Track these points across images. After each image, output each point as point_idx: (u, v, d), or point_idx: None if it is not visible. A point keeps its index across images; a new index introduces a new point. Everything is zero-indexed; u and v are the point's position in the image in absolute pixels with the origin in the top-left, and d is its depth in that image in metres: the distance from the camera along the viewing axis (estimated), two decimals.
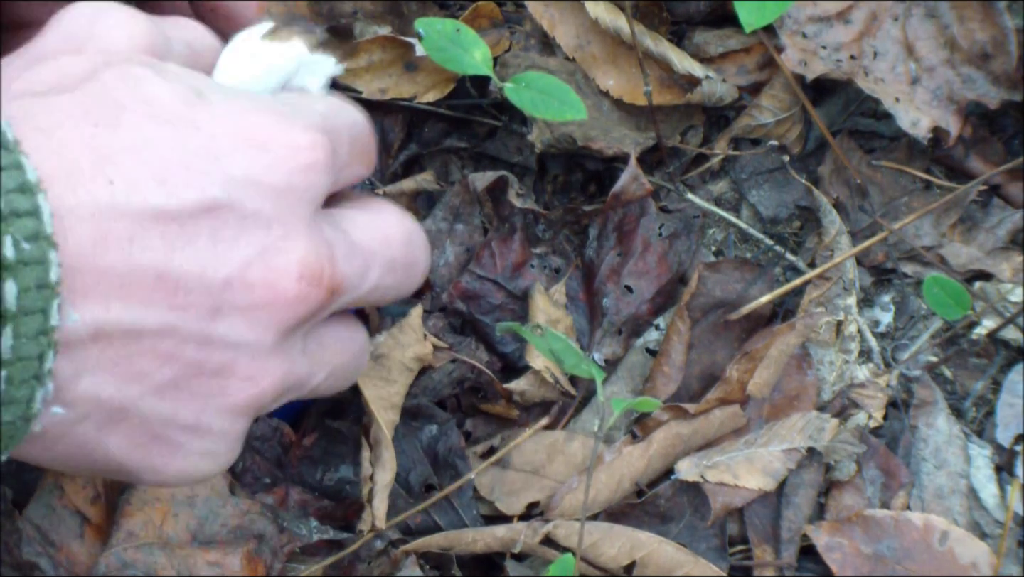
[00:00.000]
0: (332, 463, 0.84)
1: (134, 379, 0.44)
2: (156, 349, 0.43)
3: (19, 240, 0.39)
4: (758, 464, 0.84)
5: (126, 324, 0.42)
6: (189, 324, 0.44)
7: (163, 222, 0.42)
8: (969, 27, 0.90)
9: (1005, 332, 0.89)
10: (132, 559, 0.73)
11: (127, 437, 0.46)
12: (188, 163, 0.43)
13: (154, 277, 0.42)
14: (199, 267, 0.43)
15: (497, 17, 0.92)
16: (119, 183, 0.41)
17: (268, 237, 0.45)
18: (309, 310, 0.46)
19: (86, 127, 0.42)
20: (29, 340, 0.40)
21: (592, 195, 0.94)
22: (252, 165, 0.44)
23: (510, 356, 0.89)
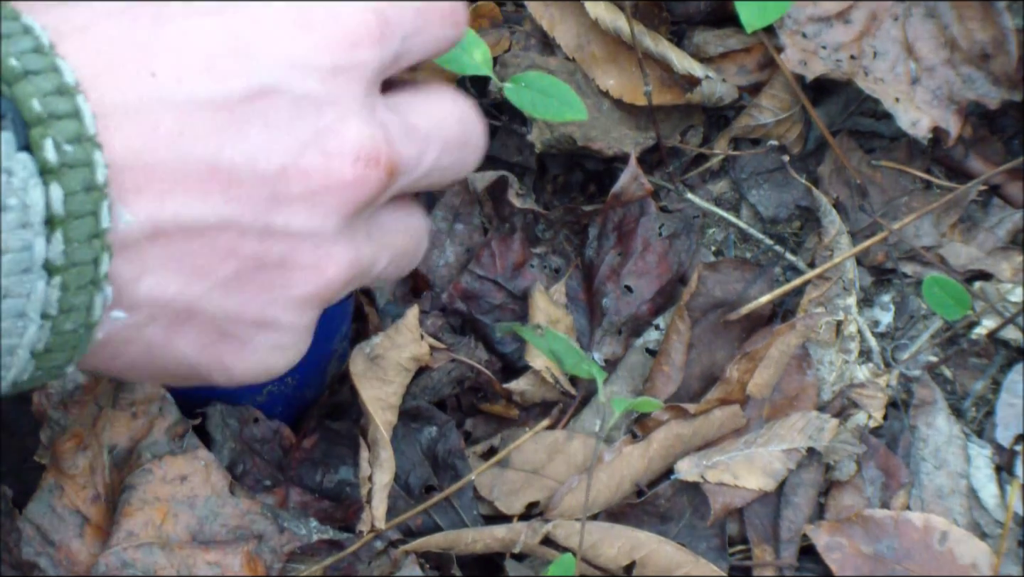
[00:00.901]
0: (332, 465, 0.84)
1: (196, 276, 0.43)
2: (216, 244, 0.43)
3: (60, 143, 0.38)
4: (758, 464, 0.84)
5: (183, 220, 0.41)
6: (247, 216, 0.43)
7: (212, 111, 0.41)
8: (969, 27, 0.90)
9: (1005, 332, 0.89)
10: (132, 558, 0.73)
11: (196, 337, 0.45)
12: (233, 49, 0.42)
13: (207, 169, 0.41)
14: (252, 156, 0.42)
15: (497, 17, 0.92)
16: (163, 75, 0.40)
17: (321, 120, 0.43)
18: (369, 193, 0.45)
19: (124, 21, 0.41)
20: (82, 244, 0.39)
21: (592, 195, 0.94)
22: (298, 46, 0.43)
23: (510, 356, 0.89)
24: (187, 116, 0.41)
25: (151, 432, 0.77)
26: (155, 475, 0.75)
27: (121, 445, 0.77)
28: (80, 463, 0.76)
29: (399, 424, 0.85)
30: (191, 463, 0.76)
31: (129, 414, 0.77)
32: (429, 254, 0.89)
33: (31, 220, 0.38)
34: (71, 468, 0.76)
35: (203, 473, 0.76)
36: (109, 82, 0.40)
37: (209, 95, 0.41)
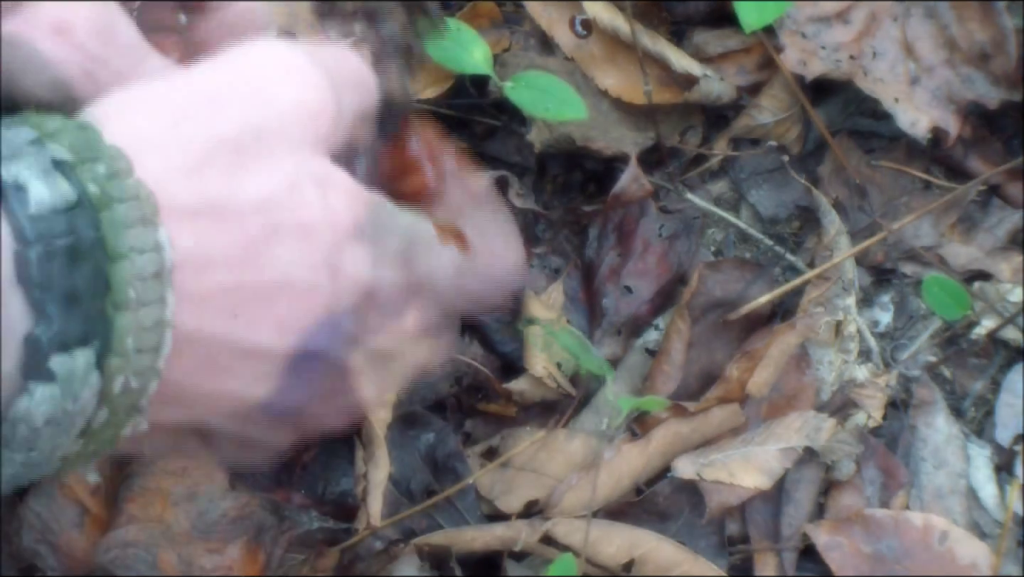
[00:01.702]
0: (333, 477, 0.85)
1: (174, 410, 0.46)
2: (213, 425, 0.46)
3: (130, 378, 0.40)
4: (755, 463, 0.84)
5: (174, 421, 0.44)
6: (227, 428, 0.46)
7: (262, 361, 0.43)
8: (968, 27, 0.90)
9: (1004, 332, 0.89)
10: (134, 539, 0.73)
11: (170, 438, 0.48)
12: (309, 312, 0.44)
13: (218, 396, 0.44)
14: (272, 398, 0.45)
15: (496, 17, 0.92)
16: (242, 319, 0.42)
17: (342, 383, 0.46)
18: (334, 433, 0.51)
19: (237, 249, 0.42)
20: (96, 444, 0.41)
21: (591, 195, 0.95)
22: (362, 324, 0.45)
23: (509, 356, 0.89)
24: (239, 359, 0.43)
25: None
26: (157, 466, 0.75)
27: None
28: None
29: (397, 431, 0.85)
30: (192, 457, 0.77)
31: None
32: None
33: (71, 432, 0.40)
34: None
35: (204, 466, 0.77)
36: (193, 311, 0.41)
37: (268, 349, 0.43)
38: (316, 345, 0.44)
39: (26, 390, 0.38)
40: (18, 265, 0.37)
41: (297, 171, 0.43)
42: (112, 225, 0.39)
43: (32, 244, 0.37)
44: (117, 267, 0.39)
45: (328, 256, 0.44)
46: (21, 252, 0.37)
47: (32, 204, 0.37)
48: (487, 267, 0.51)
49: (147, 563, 0.73)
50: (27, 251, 0.37)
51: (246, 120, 0.43)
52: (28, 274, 0.37)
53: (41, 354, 0.37)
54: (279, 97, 0.44)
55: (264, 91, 0.44)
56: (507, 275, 0.53)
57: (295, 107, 0.44)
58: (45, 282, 0.37)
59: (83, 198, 0.38)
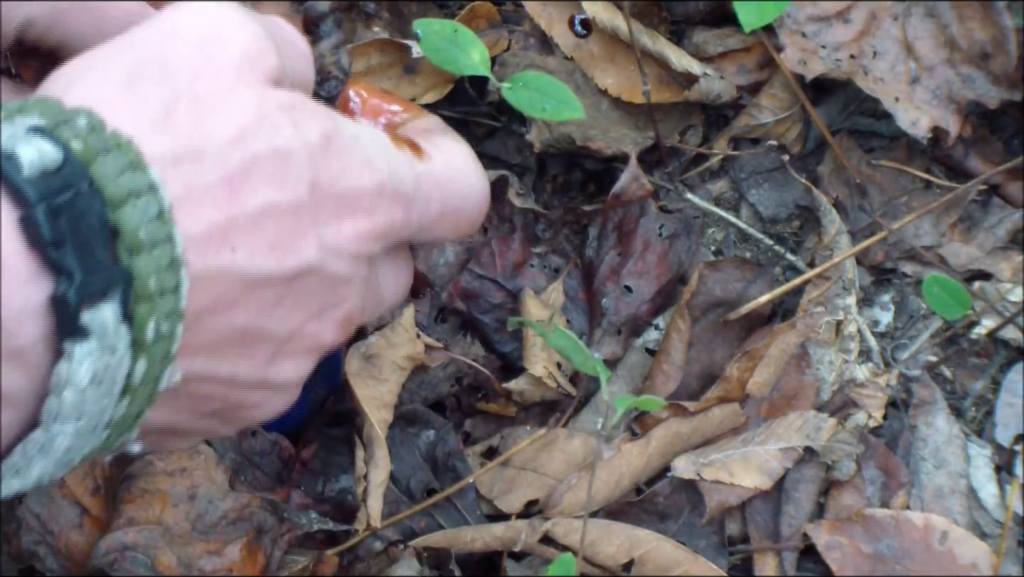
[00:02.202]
0: (332, 474, 0.85)
1: (188, 412, 0.47)
2: (215, 390, 0.46)
3: (160, 321, 0.40)
4: (754, 462, 0.84)
5: (201, 373, 0.45)
6: (249, 372, 0.46)
7: (265, 287, 0.44)
8: (969, 27, 0.90)
9: (1005, 332, 0.89)
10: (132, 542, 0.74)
11: (157, 438, 0.49)
12: (297, 228, 0.45)
13: (238, 335, 0.45)
14: (276, 325, 0.46)
15: (495, 17, 0.92)
16: (241, 251, 0.43)
17: (334, 295, 0.47)
18: (333, 346, 0.50)
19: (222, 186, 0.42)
20: (139, 404, 0.42)
21: (591, 195, 0.95)
22: (342, 232, 0.46)
23: (509, 355, 0.89)
24: (245, 290, 0.44)
25: None
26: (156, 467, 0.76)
27: None
28: None
29: (397, 430, 0.85)
30: (192, 457, 0.77)
31: None
32: (429, 253, 0.90)
33: (114, 391, 0.40)
34: None
35: (204, 467, 0.77)
36: (197, 253, 0.42)
37: (269, 272, 0.44)
38: (309, 259, 0.45)
39: (63, 354, 0.38)
40: (26, 229, 0.37)
41: (260, 102, 0.44)
42: (104, 174, 0.39)
43: (36, 205, 0.37)
44: (121, 212, 0.39)
45: (305, 171, 0.44)
46: (27, 215, 0.37)
47: (25, 167, 0.38)
48: (446, 172, 0.51)
49: (146, 565, 0.73)
50: (33, 213, 0.37)
51: (197, 67, 0.44)
52: (39, 235, 0.37)
53: (70, 312, 0.38)
54: (224, 41, 0.45)
55: (207, 38, 0.44)
56: (469, 187, 0.53)
57: (242, 49, 0.45)
58: (58, 238, 0.37)
59: (68, 156, 0.39)
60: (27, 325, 0.38)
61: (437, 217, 0.51)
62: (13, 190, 0.37)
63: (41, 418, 0.39)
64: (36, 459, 0.40)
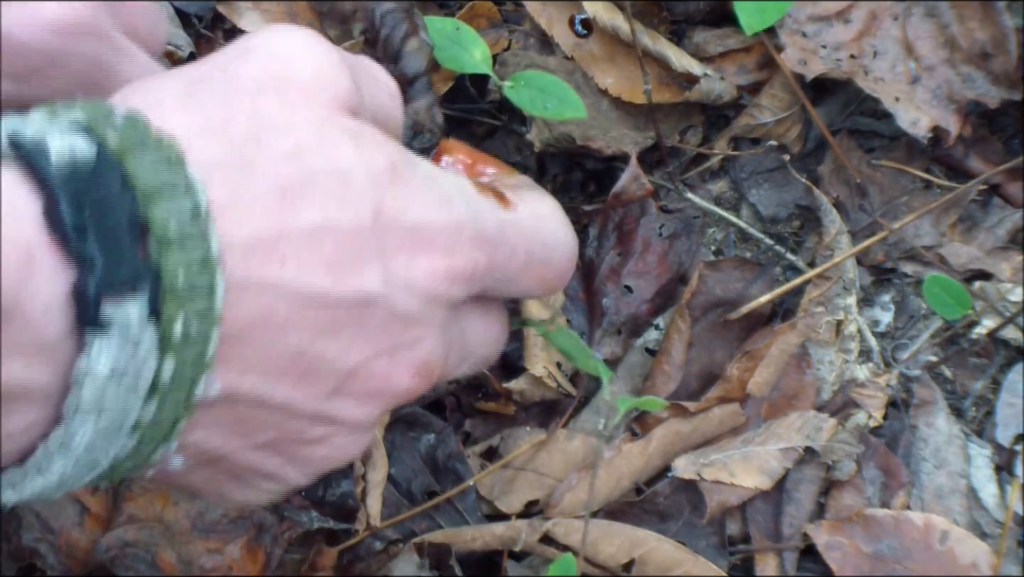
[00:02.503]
0: (333, 478, 0.85)
1: (239, 436, 0.45)
2: (269, 417, 0.45)
3: (190, 321, 0.39)
4: (755, 463, 0.84)
5: (253, 394, 0.43)
6: (308, 403, 0.45)
7: (319, 308, 0.42)
8: (969, 26, 0.90)
9: (1005, 332, 0.89)
10: (133, 539, 0.73)
11: (210, 475, 0.47)
12: (358, 251, 0.43)
13: (293, 357, 0.43)
14: (335, 354, 0.44)
15: (495, 16, 0.92)
16: (291, 265, 0.41)
17: (404, 336, 0.45)
18: (411, 398, 0.48)
19: (273, 194, 0.41)
20: (172, 409, 0.41)
21: (591, 194, 0.95)
22: (413, 267, 0.45)
23: (509, 356, 0.89)
24: (298, 308, 0.42)
25: None
26: None
27: None
28: None
29: (397, 433, 0.85)
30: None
31: None
32: None
33: (139, 388, 0.39)
34: None
35: None
36: (241, 260, 0.40)
37: (324, 292, 0.42)
38: (372, 288, 0.43)
39: (83, 346, 0.37)
40: (49, 218, 0.37)
41: (323, 122, 0.43)
42: (138, 168, 0.38)
43: (60, 193, 0.37)
44: (153, 206, 0.38)
45: (368, 196, 0.43)
46: (50, 204, 0.37)
47: (53, 156, 0.37)
48: (531, 222, 0.50)
49: (147, 562, 0.73)
50: (56, 201, 0.37)
51: (263, 82, 0.43)
52: (61, 223, 0.37)
53: (90, 302, 0.37)
54: (296, 60, 0.44)
55: (279, 56, 0.44)
56: (555, 238, 0.51)
57: (314, 70, 0.44)
58: (80, 226, 0.37)
59: (102, 150, 0.38)
60: (53, 318, 0.37)
61: (523, 267, 0.49)
62: (40, 180, 0.37)
63: (63, 412, 0.39)
64: (56, 456, 0.40)
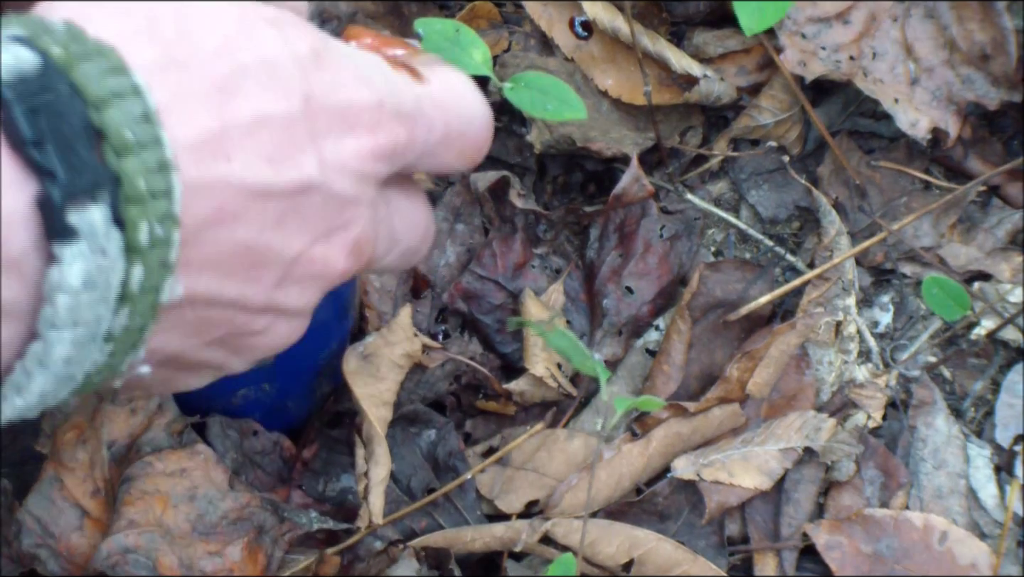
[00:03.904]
0: (333, 473, 0.85)
1: (194, 336, 0.46)
2: (223, 314, 0.46)
3: (153, 224, 0.40)
4: (754, 463, 0.84)
5: (209, 294, 0.44)
6: (258, 295, 0.46)
7: (264, 200, 0.44)
8: (968, 28, 0.90)
9: (1004, 332, 0.89)
10: (133, 544, 0.74)
11: (165, 373, 0.49)
12: (293, 139, 0.44)
13: (244, 252, 0.44)
14: (280, 244, 0.45)
15: (495, 17, 0.92)
16: (237, 161, 0.42)
17: (339, 218, 0.47)
18: (344, 278, 0.49)
19: (211, 93, 0.42)
20: (140, 317, 0.41)
21: (592, 195, 0.95)
22: (342, 148, 0.46)
23: (509, 356, 0.89)
24: (245, 202, 0.43)
25: (150, 428, 0.78)
26: (155, 468, 0.76)
27: (120, 442, 0.78)
28: (80, 457, 0.77)
29: (398, 430, 0.85)
30: (191, 457, 0.77)
31: (128, 410, 0.78)
32: (429, 254, 0.90)
33: (109, 297, 0.40)
34: (71, 461, 0.76)
35: (203, 467, 0.77)
36: (191, 160, 0.41)
37: (267, 185, 0.44)
38: (310, 174, 0.45)
39: (54, 257, 0.38)
40: (6, 130, 0.37)
41: (244, 14, 0.44)
42: (85, 77, 0.39)
43: (14, 104, 0.37)
44: (105, 113, 0.39)
45: (296, 82, 0.44)
46: (5, 116, 0.37)
47: (2, 69, 0.37)
48: (446, 95, 0.51)
49: (147, 567, 0.73)
50: (11, 112, 0.37)
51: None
52: (19, 135, 0.37)
53: (56, 212, 0.37)
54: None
55: None
56: (471, 109, 0.52)
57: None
58: (38, 137, 0.37)
59: (47, 61, 0.38)
60: (18, 232, 0.37)
61: (441, 139, 0.51)
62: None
63: (38, 327, 0.39)
64: (36, 373, 0.40)
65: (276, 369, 0.76)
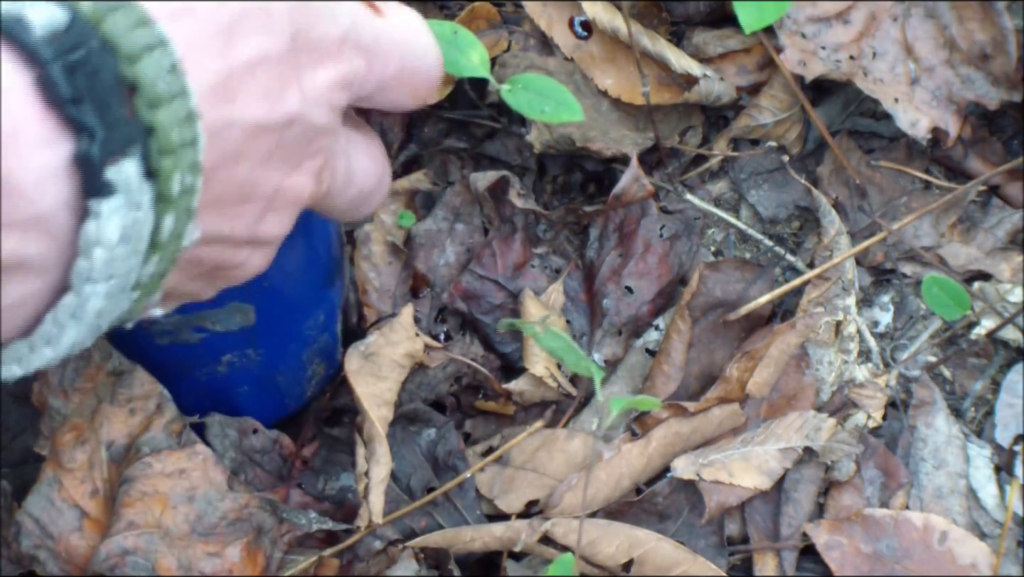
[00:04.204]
0: (333, 472, 0.85)
1: (186, 274, 0.47)
2: (212, 250, 0.47)
3: (184, 174, 0.41)
4: (754, 463, 0.84)
5: (209, 232, 0.45)
6: (243, 230, 0.47)
7: (261, 136, 0.45)
8: (968, 27, 0.90)
9: (1004, 332, 0.89)
10: (132, 546, 0.74)
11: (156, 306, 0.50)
12: (282, 75, 0.45)
13: (238, 189, 0.45)
14: (267, 177, 0.46)
15: (495, 18, 0.92)
16: (239, 99, 0.43)
17: (312, 146, 0.48)
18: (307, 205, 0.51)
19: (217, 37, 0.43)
20: (166, 263, 0.43)
21: (591, 195, 0.95)
22: (317, 79, 0.47)
23: (509, 356, 0.89)
24: (246, 141, 0.44)
25: (148, 429, 0.78)
26: (154, 468, 0.76)
27: (119, 442, 0.78)
28: (79, 457, 0.77)
29: (398, 428, 0.85)
30: (190, 458, 0.77)
31: (127, 410, 0.78)
32: (429, 254, 0.90)
33: (140, 248, 0.40)
34: (70, 462, 0.77)
35: (202, 467, 0.77)
36: (207, 105, 0.42)
37: (263, 122, 0.45)
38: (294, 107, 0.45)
39: (90, 212, 0.38)
40: (43, 88, 0.37)
41: None
42: (116, 31, 0.39)
43: (51, 63, 0.37)
44: (138, 66, 0.39)
45: (286, 20, 0.45)
46: (43, 75, 0.37)
47: (36, 28, 0.37)
48: (402, 32, 0.52)
49: (147, 569, 0.74)
50: (49, 71, 0.37)
51: None
52: (57, 93, 0.37)
53: (95, 168, 0.38)
54: None
55: None
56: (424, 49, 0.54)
57: None
58: (77, 96, 0.37)
59: (76, 16, 0.39)
60: (48, 189, 0.37)
61: (396, 75, 0.52)
62: (26, 51, 0.37)
63: (72, 281, 0.39)
64: (69, 325, 0.40)
65: (257, 332, 0.75)
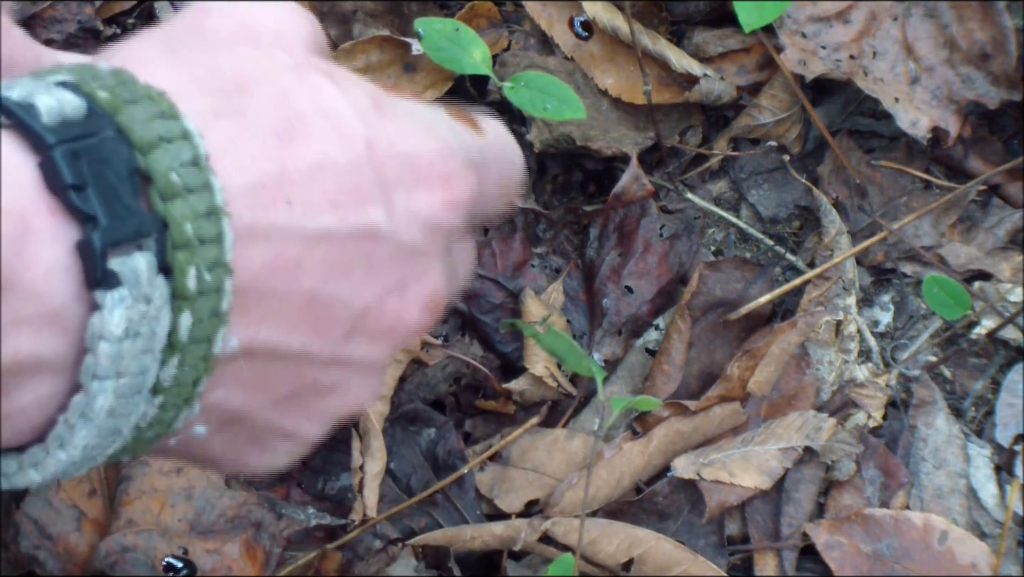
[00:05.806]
0: (333, 472, 0.85)
1: (259, 392, 0.44)
2: (288, 368, 0.44)
3: (202, 271, 0.38)
4: (754, 462, 0.84)
5: (270, 345, 0.42)
6: (324, 348, 0.44)
7: (329, 247, 0.42)
8: (968, 27, 0.90)
9: (1004, 332, 0.89)
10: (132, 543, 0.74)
11: (231, 438, 0.46)
12: (358, 185, 0.43)
13: (307, 301, 0.42)
14: (348, 294, 0.44)
15: (495, 16, 0.92)
16: (297, 204, 0.41)
17: (411, 269, 0.45)
18: (418, 333, 0.48)
19: (268, 138, 0.41)
20: (191, 368, 0.40)
21: (591, 195, 0.95)
22: (413, 197, 0.45)
23: (509, 356, 0.89)
24: (307, 249, 0.42)
25: None
26: (152, 467, 0.76)
27: None
28: None
29: (398, 428, 0.85)
30: None
31: None
32: None
33: (154, 347, 0.38)
34: None
35: None
36: (248, 204, 0.40)
37: (330, 231, 0.42)
38: (377, 221, 0.43)
39: (95, 305, 0.37)
40: (46, 174, 0.36)
41: (299, 65, 0.43)
42: (132, 121, 0.38)
43: (55, 147, 0.36)
44: (152, 157, 0.38)
45: (358, 130, 0.43)
46: (46, 161, 0.36)
47: (44, 114, 0.36)
48: (499, 143, 0.51)
49: (146, 566, 0.73)
50: (52, 156, 0.36)
51: (236, 32, 0.43)
52: (59, 179, 0.36)
53: (96, 258, 0.36)
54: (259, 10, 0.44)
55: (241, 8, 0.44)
56: (517, 154, 0.53)
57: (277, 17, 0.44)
58: (79, 181, 0.36)
59: (93, 105, 0.38)
60: (57, 283, 0.36)
61: (496, 187, 0.50)
62: (32, 136, 0.36)
63: (80, 378, 0.38)
64: (79, 425, 0.39)
65: None
